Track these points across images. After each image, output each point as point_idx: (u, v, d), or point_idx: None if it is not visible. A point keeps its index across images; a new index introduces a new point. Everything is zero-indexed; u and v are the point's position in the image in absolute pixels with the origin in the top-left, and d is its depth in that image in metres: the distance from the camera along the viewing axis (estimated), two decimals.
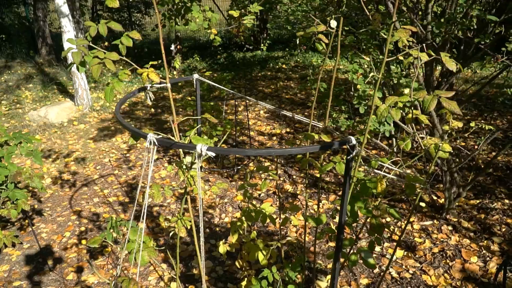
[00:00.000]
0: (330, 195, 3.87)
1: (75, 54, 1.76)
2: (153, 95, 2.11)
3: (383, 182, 1.53)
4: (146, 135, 1.35)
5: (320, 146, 1.23)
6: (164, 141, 1.32)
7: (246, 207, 2.02)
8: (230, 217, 3.67)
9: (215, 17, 5.15)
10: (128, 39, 1.90)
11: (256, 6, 2.45)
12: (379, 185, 1.53)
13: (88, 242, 1.72)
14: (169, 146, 1.31)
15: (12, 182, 2.43)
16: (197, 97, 2.32)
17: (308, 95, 7.15)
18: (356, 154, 1.33)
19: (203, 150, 1.23)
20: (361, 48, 2.90)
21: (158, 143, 1.33)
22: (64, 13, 6.07)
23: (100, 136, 5.78)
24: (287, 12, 3.15)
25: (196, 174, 1.46)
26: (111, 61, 1.82)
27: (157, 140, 1.32)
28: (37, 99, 7.57)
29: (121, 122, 1.49)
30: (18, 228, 3.68)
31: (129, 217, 3.77)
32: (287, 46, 10.73)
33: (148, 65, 2.28)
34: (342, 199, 1.38)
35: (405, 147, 1.57)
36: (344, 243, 1.73)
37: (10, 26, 13.13)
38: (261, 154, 1.18)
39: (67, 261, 3.21)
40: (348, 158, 1.33)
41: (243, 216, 2.04)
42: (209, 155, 1.24)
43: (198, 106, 2.33)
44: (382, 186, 1.53)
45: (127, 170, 4.72)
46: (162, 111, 6.80)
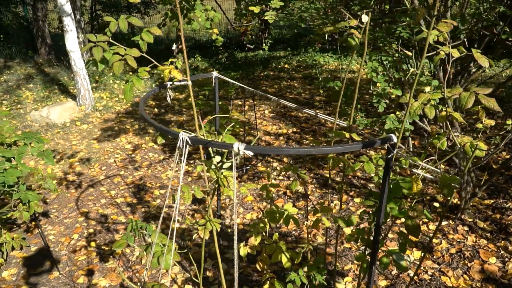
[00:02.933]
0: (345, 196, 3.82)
1: (96, 50, 1.70)
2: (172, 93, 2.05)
3: (419, 182, 1.48)
4: (177, 133, 1.30)
5: (363, 144, 1.17)
6: (198, 140, 1.27)
7: (269, 208, 1.97)
8: (241, 218, 3.61)
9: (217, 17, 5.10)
10: (148, 34, 1.84)
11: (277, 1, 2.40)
12: (415, 185, 1.48)
13: (114, 245, 1.66)
14: (204, 145, 1.25)
15: (24, 183, 2.36)
16: (215, 95, 2.26)
17: (313, 95, 7.10)
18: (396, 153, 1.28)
19: (241, 149, 1.17)
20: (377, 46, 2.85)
21: (191, 142, 1.27)
22: (67, 12, 6.00)
23: (104, 136, 5.71)
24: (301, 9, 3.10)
25: (229, 174, 1.40)
26: (132, 57, 1.76)
27: (190, 139, 1.27)
28: (38, 99, 7.48)
29: (147, 120, 1.43)
30: (25, 230, 3.61)
31: (138, 218, 3.70)
32: (288, 46, 10.69)
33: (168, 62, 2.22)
34: (380, 200, 1.33)
35: (440, 146, 1.51)
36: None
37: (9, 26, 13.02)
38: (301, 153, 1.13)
39: (76, 263, 3.14)
40: (388, 157, 1.28)
41: (266, 217, 1.98)
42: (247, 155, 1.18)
43: (216, 104, 2.27)
44: (419, 186, 1.48)
45: (133, 170, 4.66)
46: (166, 111, 6.73)
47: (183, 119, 6.30)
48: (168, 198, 1.47)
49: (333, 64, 8.89)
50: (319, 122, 5.79)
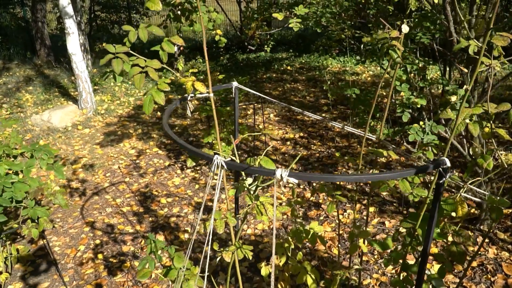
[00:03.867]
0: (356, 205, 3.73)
1: (116, 62, 1.59)
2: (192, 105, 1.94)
3: (464, 204, 1.38)
4: (211, 156, 1.19)
5: (416, 171, 1.07)
6: (236, 165, 1.16)
7: (295, 227, 1.87)
8: (252, 228, 3.51)
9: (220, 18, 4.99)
10: (169, 44, 1.74)
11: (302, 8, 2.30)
12: (460, 208, 1.38)
13: (137, 276, 1.56)
14: (243, 171, 1.15)
15: (33, 198, 2.26)
16: (235, 105, 2.16)
17: (317, 98, 7.00)
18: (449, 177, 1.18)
19: (284, 176, 1.07)
20: None
21: (227, 167, 1.17)
22: (69, 14, 5.87)
23: (107, 141, 5.60)
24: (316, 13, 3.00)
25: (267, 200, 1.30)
26: (153, 69, 1.66)
27: (226, 163, 1.16)
28: (39, 102, 7.35)
29: (176, 141, 1.33)
30: (29, 241, 3.50)
31: (146, 228, 3.60)
32: (290, 47, 10.59)
33: (188, 73, 2.12)
34: (428, 226, 1.23)
35: (487, 166, 1.42)
36: (412, 269, 1.58)
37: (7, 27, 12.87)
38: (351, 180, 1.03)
39: (84, 277, 3.03)
40: (439, 182, 1.18)
41: (291, 237, 1.88)
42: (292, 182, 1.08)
43: (236, 115, 2.17)
44: (464, 209, 1.38)
45: (139, 177, 4.55)
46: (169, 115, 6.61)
47: (187, 123, 6.19)
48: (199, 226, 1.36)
49: (336, 66, 8.80)
50: (326, 126, 5.70)
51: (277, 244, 1.94)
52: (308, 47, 10.44)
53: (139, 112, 6.77)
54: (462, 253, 1.39)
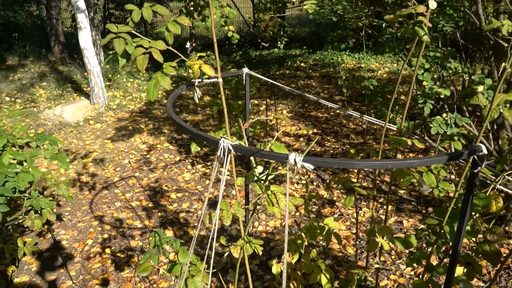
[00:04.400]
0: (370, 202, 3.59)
1: (118, 41, 1.50)
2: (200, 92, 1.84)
3: (499, 199, 1.25)
4: (217, 140, 1.09)
5: (448, 157, 0.95)
6: (243, 149, 1.06)
7: (310, 223, 1.75)
8: (264, 225, 3.40)
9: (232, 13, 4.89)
10: (175, 25, 1.63)
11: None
12: (494, 202, 1.25)
13: (137, 270, 1.46)
14: (252, 155, 1.04)
15: (36, 189, 2.18)
16: (246, 93, 2.05)
17: (332, 94, 6.86)
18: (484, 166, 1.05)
19: (298, 161, 0.96)
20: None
21: (234, 150, 1.06)
22: (81, 8, 5.83)
23: (118, 136, 5.54)
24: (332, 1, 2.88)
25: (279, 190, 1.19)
26: (158, 51, 1.56)
27: (233, 147, 1.06)
28: (52, 97, 7.36)
29: (181, 124, 1.23)
30: (37, 234, 3.44)
31: (154, 223, 3.51)
32: (304, 44, 10.45)
33: (196, 56, 2.02)
34: (460, 222, 1.11)
35: None
36: (438, 270, 1.45)
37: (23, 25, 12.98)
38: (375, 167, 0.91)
39: (90, 272, 2.96)
40: (474, 172, 1.05)
41: (305, 233, 1.76)
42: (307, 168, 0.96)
43: (247, 102, 2.06)
44: (499, 204, 1.25)
45: (149, 172, 4.47)
46: (180, 110, 6.55)
47: (199, 118, 6.10)
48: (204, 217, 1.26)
49: (351, 62, 8.63)
50: (340, 123, 5.55)
51: (289, 241, 1.82)
52: (321, 44, 10.28)
53: (151, 108, 6.72)
54: (496, 252, 1.26)
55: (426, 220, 1.44)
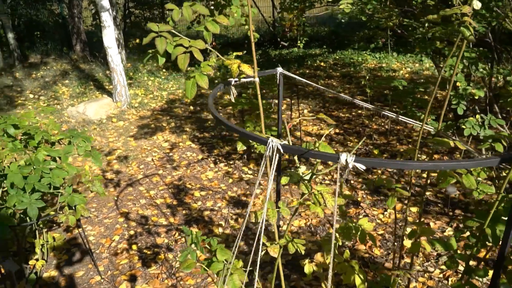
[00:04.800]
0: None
1: (160, 41, 1.52)
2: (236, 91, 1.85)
3: None
4: (265, 139, 1.09)
5: (501, 159, 0.93)
6: (293, 149, 1.06)
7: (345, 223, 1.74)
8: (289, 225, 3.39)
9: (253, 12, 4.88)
10: (214, 24, 1.65)
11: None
12: None
13: (181, 267, 1.47)
14: (302, 155, 1.04)
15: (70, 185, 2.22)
16: (279, 92, 2.06)
17: (353, 94, 6.81)
18: None
19: (350, 161, 0.96)
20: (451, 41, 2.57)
21: (283, 150, 1.06)
22: (105, 7, 5.91)
23: (141, 134, 5.60)
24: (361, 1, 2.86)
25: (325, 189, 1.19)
26: (198, 50, 1.57)
27: (283, 146, 1.06)
28: (74, 95, 7.48)
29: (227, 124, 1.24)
30: (64, 229, 3.51)
31: (179, 221, 3.54)
32: (324, 43, 10.39)
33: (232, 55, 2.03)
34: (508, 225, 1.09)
35: None
36: (478, 273, 1.43)
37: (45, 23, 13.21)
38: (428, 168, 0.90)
39: (118, 268, 3.00)
40: None
41: (339, 233, 1.76)
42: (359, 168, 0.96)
43: (280, 101, 2.07)
44: None
45: (172, 170, 4.51)
46: (201, 109, 6.58)
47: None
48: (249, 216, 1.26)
49: (372, 62, 8.55)
50: (362, 123, 5.51)
51: (323, 240, 1.82)
52: (341, 43, 10.22)
53: (172, 106, 6.77)
54: None
55: (467, 222, 1.42)
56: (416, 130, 5.09)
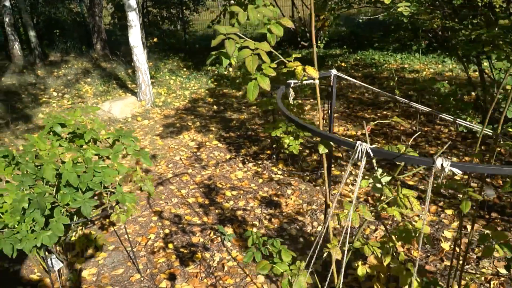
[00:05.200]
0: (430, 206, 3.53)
1: (229, 43, 1.53)
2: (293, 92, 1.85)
3: None
4: (352, 143, 1.09)
5: None
6: (384, 153, 1.06)
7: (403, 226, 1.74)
8: (323, 226, 3.39)
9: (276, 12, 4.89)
10: (278, 27, 1.66)
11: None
12: None
13: (257, 268, 1.49)
14: (394, 159, 1.04)
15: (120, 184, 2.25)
16: (333, 94, 2.06)
17: (377, 95, 6.78)
18: None
19: (446, 167, 0.96)
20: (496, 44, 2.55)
21: (373, 154, 1.07)
22: (132, 6, 5.96)
23: (166, 132, 5.64)
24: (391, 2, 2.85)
25: (410, 193, 1.19)
26: (264, 52, 1.58)
27: (373, 150, 1.06)
28: (98, 93, 7.55)
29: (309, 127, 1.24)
30: (99, 227, 3.55)
31: (213, 220, 3.56)
32: (344, 44, 10.35)
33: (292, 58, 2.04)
34: None
35: None
36: None
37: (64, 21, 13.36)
38: None
39: (157, 266, 3.03)
40: None
41: (398, 236, 1.75)
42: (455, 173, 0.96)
43: (333, 103, 2.07)
44: None
45: (201, 169, 4.53)
46: (225, 109, 6.60)
47: (244, 117, 6.14)
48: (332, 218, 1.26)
49: (394, 63, 8.49)
50: (389, 124, 5.48)
51: (381, 243, 1.81)
52: (361, 44, 10.17)
53: (195, 105, 6.80)
54: None
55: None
56: (444, 132, 5.05)
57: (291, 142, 3.89)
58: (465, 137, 4.73)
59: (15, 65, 9.36)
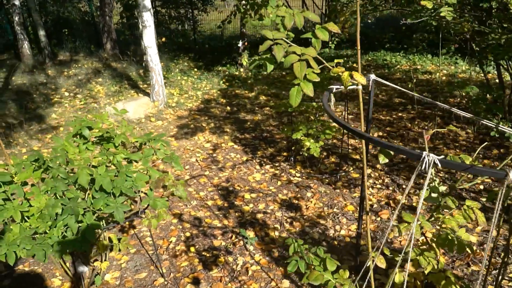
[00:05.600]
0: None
1: (278, 48, 1.51)
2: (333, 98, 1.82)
3: None
4: (418, 154, 1.06)
5: None
6: (453, 164, 1.03)
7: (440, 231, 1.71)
8: (346, 229, 3.37)
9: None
10: (324, 31, 1.64)
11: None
12: None
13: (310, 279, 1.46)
14: (464, 170, 1.01)
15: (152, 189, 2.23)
16: (370, 99, 2.03)
17: (391, 97, 6.73)
18: None
19: None
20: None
21: (442, 165, 1.04)
22: (147, 7, 5.95)
23: (181, 134, 5.63)
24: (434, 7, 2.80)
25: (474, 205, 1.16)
26: (311, 58, 1.56)
27: (441, 161, 1.03)
28: (110, 93, 7.55)
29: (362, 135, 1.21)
30: (120, 230, 3.54)
31: (233, 223, 3.54)
32: (354, 44, 10.29)
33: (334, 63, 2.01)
34: None
35: None
36: None
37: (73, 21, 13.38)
38: None
39: (180, 270, 3.01)
40: None
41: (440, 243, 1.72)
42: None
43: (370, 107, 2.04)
44: None
45: (218, 171, 4.51)
46: (238, 110, 6.58)
47: (258, 118, 6.11)
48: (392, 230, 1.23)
49: (406, 64, 8.45)
50: (405, 126, 5.44)
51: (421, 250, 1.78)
52: (372, 44, 10.12)
53: (208, 106, 6.79)
54: None
55: None
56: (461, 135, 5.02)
57: (311, 145, 3.86)
58: (483, 140, 4.69)
59: (24, 65, 9.37)
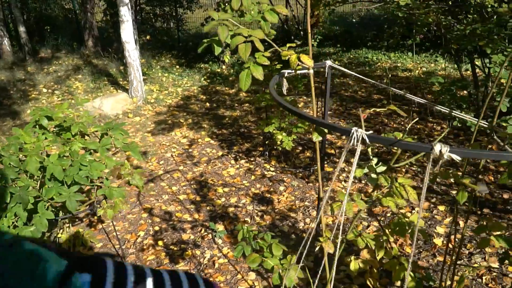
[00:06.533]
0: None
1: (221, 29, 1.48)
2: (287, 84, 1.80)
3: None
4: (348, 129, 1.05)
5: None
6: (380, 139, 1.02)
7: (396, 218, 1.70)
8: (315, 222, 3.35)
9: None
10: (273, 14, 1.62)
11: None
12: None
13: (247, 261, 1.43)
14: (391, 146, 0.99)
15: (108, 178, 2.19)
16: (327, 85, 2.02)
17: (370, 93, 6.76)
18: None
19: (445, 152, 0.91)
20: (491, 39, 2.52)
21: (370, 140, 1.02)
22: (124, 1, 5.88)
23: (158, 129, 5.57)
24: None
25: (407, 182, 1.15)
26: (258, 39, 1.54)
27: (369, 137, 1.01)
28: (88, 90, 7.46)
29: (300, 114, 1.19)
30: (87, 224, 3.48)
31: (204, 217, 3.51)
32: (337, 42, 10.34)
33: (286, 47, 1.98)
34: None
35: None
36: None
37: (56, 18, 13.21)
38: None
39: (145, 263, 2.96)
40: None
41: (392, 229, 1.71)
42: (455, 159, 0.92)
43: (327, 96, 2.02)
44: None
45: (192, 166, 4.47)
46: (217, 106, 6.54)
47: (237, 114, 6.08)
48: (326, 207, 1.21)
49: (386, 62, 8.49)
50: (382, 121, 5.46)
51: (375, 237, 1.77)
52: (354, 43, 10.16)
53: (188, 103, 6.74)
54: None
55: None
56: (436, 130, 5.05)
57: (284, 138, 3.84)
58: (457, 135, 4.72)
59: (4, 61, 9.22)
